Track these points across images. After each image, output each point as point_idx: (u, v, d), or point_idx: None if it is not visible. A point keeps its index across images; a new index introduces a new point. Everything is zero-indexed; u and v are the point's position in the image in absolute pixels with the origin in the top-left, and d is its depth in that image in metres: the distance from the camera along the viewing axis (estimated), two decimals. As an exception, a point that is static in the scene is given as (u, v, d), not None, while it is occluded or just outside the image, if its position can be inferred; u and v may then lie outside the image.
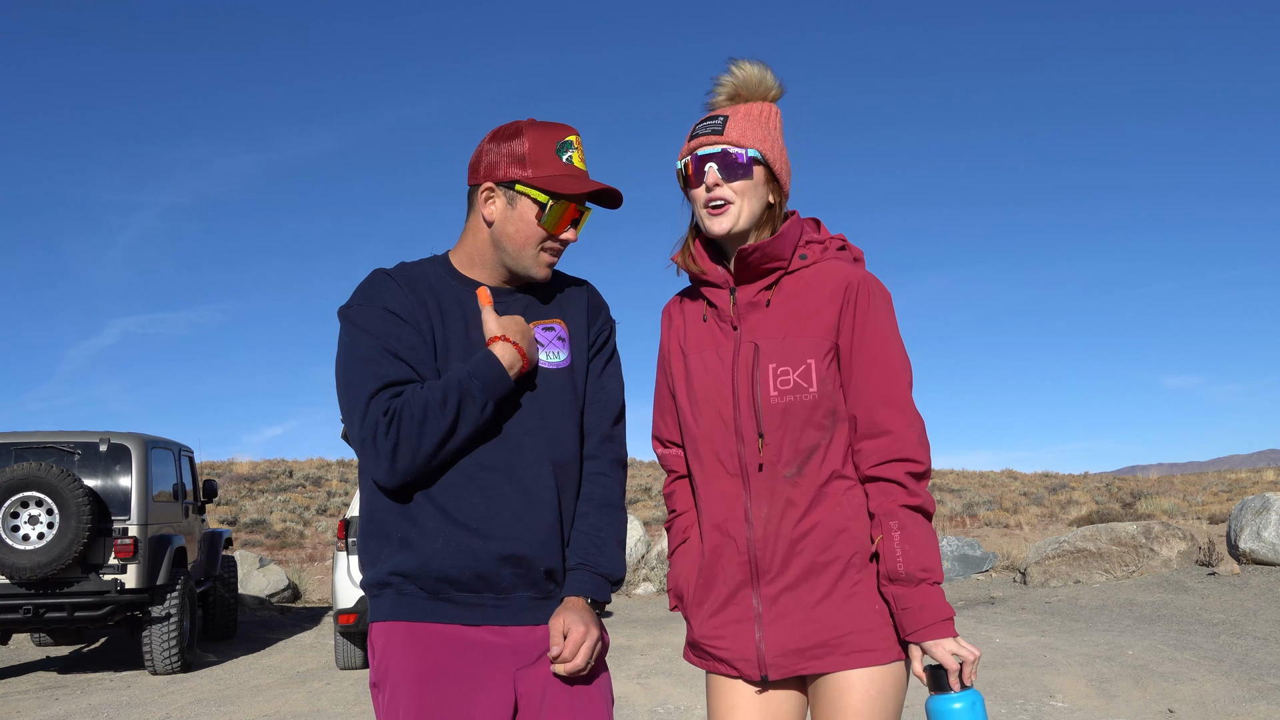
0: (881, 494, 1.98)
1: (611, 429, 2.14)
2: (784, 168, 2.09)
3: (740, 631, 2.03)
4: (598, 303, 2.20)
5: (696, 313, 2.16)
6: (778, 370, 2.01)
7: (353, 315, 2.03)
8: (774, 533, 2.00)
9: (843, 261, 2.11)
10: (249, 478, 30.90)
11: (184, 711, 7.15)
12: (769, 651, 2.00)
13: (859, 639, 1.96)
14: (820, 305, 2.03)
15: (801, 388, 1.99)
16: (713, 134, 2.05)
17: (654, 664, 8.32)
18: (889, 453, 1.98)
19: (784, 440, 2.00)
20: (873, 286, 2.05)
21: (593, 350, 2.15)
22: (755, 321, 2.06)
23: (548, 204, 2.02)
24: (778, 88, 2.12)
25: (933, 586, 1.94)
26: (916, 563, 1.93)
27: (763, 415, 2.01)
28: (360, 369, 1.97)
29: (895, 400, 2.00)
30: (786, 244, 2.06)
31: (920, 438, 2.00)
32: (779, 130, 2.10)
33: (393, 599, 1.99)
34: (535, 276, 2.08)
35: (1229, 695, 6.24)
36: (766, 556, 2.01)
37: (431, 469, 1.96)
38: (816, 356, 2.00)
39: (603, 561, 2.04)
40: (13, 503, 8.17)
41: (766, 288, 2.07)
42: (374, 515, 2.02)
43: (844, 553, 1.99)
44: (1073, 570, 12.21)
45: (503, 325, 2.01)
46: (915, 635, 1.93)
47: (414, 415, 1.91)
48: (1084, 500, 26.68)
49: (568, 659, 1.95)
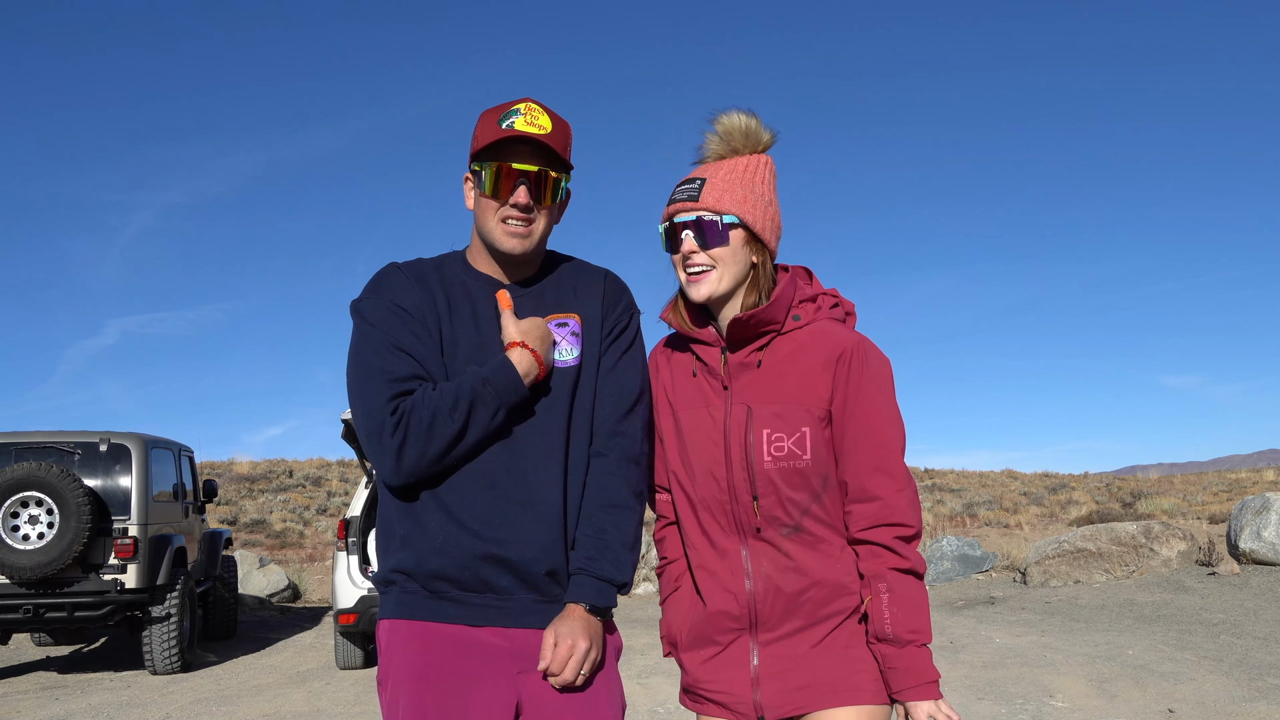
0: (870, 556, 2.00)
1: (621, 423, 2.07)
2: (766, 225, 2.06)
3: (736, 677, 2.05)
4: (616, 291, 2.15)
5: (685, 366, 2.14)
6: (772, 436, 2.01)
7: (362, 309, 2.04)
8: (774, 588, 2.02)
9: (835, 323, 2.10)
10: (249, 478, 30.88)
11: (184, 711, 7.15)
12: (765, 694, 2.03)
13: (854, 680, 1.99)
14: (814, 371, 2.02)
15: (796, 455, 2.00)
16: (689, 200, 2.03)
17: (654, 664, 8.32)
18: (878, 518, 1.99)
19: (777, 503, 2.02)
20: (867, 353, 2.05)
21: (608, 340, 2.10)
22: (747, 382, 2.05)
23: (480, 171, 2.02)
24: (768, 137, 2.09)
25: (920, 649, 1.96)
26: (905, 625, 1.96)
27: (756, 478, 2.02)
28: (368, 365, 1.97)
29: (885, 467, 2.01)
30: (780, 308, 2.05)
31: (910, 502, 2.02)
32: (766, 184, 2.07)
33: (397, 596, 1.99)
34: (503, 249, 2.04)
35: (1229, 695, 6.24)
36: (766, 609, 2.03)
37: (439, 470, 1.95)
38: (811, 424, 2.01)
39: (604, 565, 2.00)
40: (13, 503, 8.17)
41: (759, 349, 2.06)
42: (383, 511, 2.04)
43: (845, 607, 2.02)
44: (1073, 570, 12.21)
45: (523, 330, 1.99)
46: (900, 695, 1.97)
47: (422, 418, 1.90)
48: (1084, 500, 26.66)
49: (555, 672, 1.93)
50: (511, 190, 2.00)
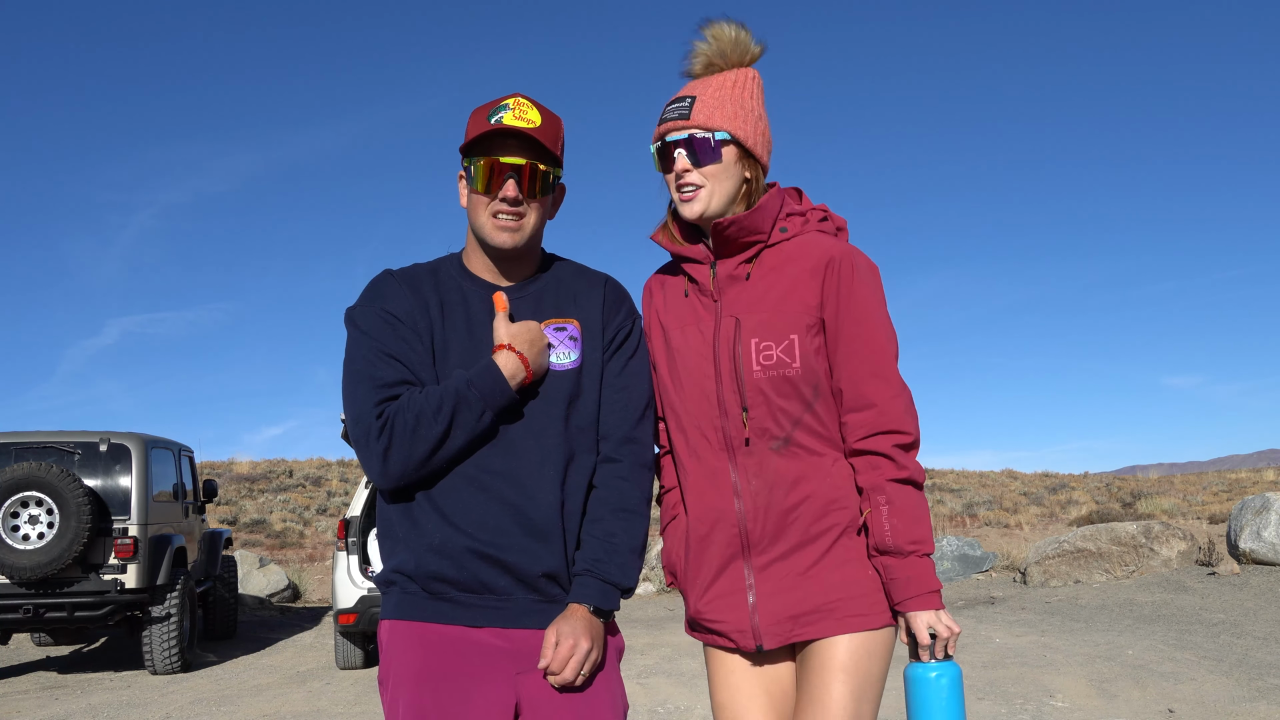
0: (869, 467, 1.98)
1: (634, 430, 2.08)
2: (758, 140, 2.05)
3: (733, 604, 2.04)
4: (617, 297, 2.14)
5: (677, 288, 2.14)
6: (760, 345, 2.00)
7: (355, 316, 2.04)
8: (764, 505, 2.00)
9: (824, 234, 2.09)
10: (249, 478, 30.88)
11: (184, 711, 7.15)
12: (763, 621, 2.01)
13: (852, 604, 1.97)
14: (801, 280, 2.01)
15: (784, 362, 1.99)
16: (680, 118, 2.03)
17: (654, 664, 8.32)
18: (875, 425, 1.97)
19: (768, 414, 2.00)
20: (855, 260, 2.03)
21: (611, 348, 2.10)
22: (735, 295, 2.05)
23: (469, 166, 2.02)
24: (756, 49, 2.07)
25: (922, 558, 1.94)
26: (905, 535, 1.94)
27: (746, 389, 2.00)
28: (359, 371, 1.98)
29: (880, 372, 1.99)
30: (765, 217, 2.04)
31: (907, 408, 2.00)
32: (755, 98, 2.06)
33: (397, 597, 2.00)
34: (494, 243, 2.03)
35: (1229, 695, 6.24)
36: (757, 529, 2.01)
37: (431, 472, 1.96)
38: (799, 331, 1.99)
39: (611, 568, 2.00)
40: (13, 503, 8.17)
41: (746, 261, 2.05)
42: (383, 514, 2.05)
43: (838, 522, 2.00)
44: (1073, 570, 12.21)
45: (512, 333, 1.99)
46: (901, 605, 1.95)
47: (407, 421, 1.91)
48: (1084, 500, 26.66)
49: (555, 671, 1.93)
50: (501, 184, 2.00)
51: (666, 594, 13.97)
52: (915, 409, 2.02)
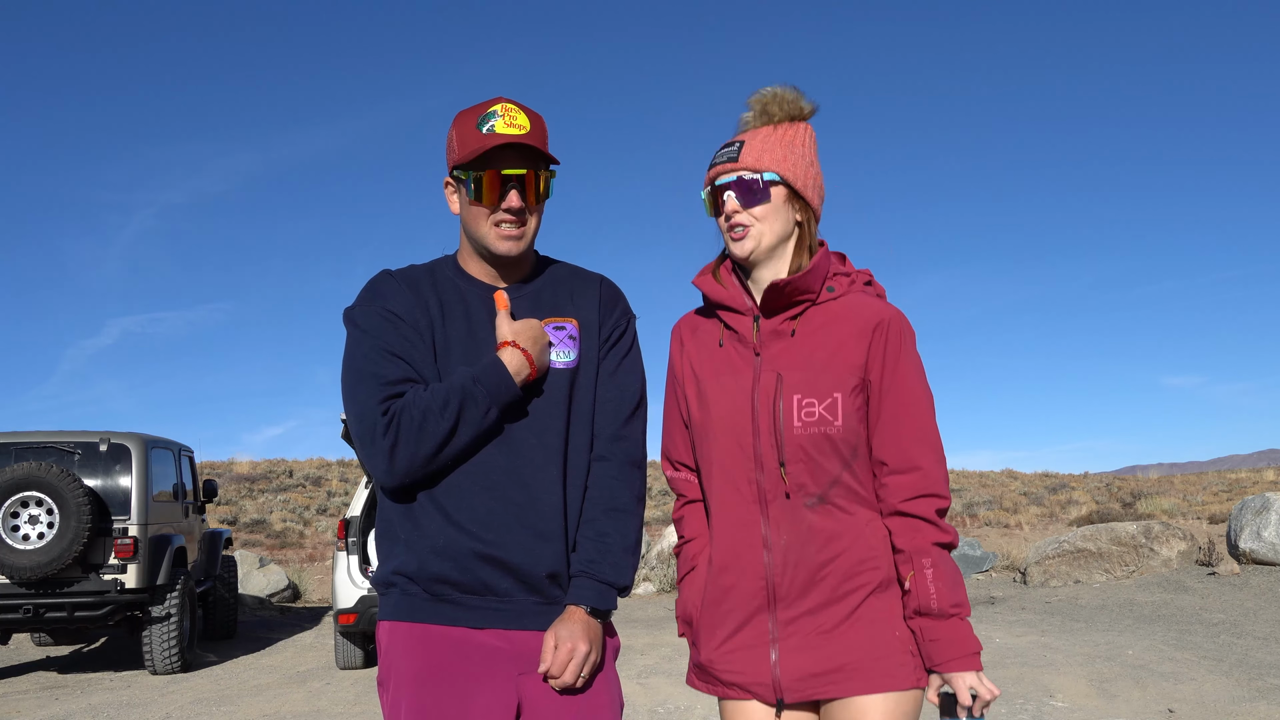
0: (912, 530, 1.99)
1: (623, 428, 2.08)
2: (808, 185, 2.07)
3: (755, 656, 2.03)
4: (611, 296, 2.15)
5: (711, 336, 2.13)
6: (803, 401, 2.00)
7: (355, 316, 2.04)
8: (795, 560, 2.00)
9: (869, 297, 2.10)
10: (249, 478, 30.89)
11: (184, 711, 7.15)
12: (785, 675, 2.00)
13: (880, 664, 1.97)
14: (847, 340, 2.02)
15: (827, 420, 1.99)
16: (729, 161, 2.06)
17: (654, 664, 8.33)
18: (919, 489, 1.98)
19: (806, 470, 2.00)
20: (902, 325, 2.05)
21: (606, 346, 2.11)
22: (779, 351, 2.05)
23: (468, 179, 2.01)
24: (809, 107, 2.11)
25: (963, 621, 1.96)
26: (949, 599, 1.95)
27: (785, 445, 2.00)
28: (361, 370, 1.97)
29: (926, 437, 2.01)
30: (816, 277, 2.05)
31: (945, 475, 2.02)
32: (807, 146, 2.09)
33: (397, 598, 1.99)
34: (499, 252, 2.03)
35: (1229, 695, 6.24)
36: (785, 583, 2.01)
37: (434, 471, 1.95)
38: (843, 391, 1.99)
39: (605, 568, 2.00)
40: (13, 503, 8.17)
41: (792, 318, 2.06)
42: (383, 514, 2.04)
43: (868, 581, 2.00)
44: (1073, 570, 12.21)
45: (515, 330, 1.99)
46: (943, 666, 1.95)
47: (413, 417, 1.91)
48: (1084, 500, 26.66)
49: (555, 675, 1.93)
50: (503, 195, 2.00)
51: (666, 594, 13.97)
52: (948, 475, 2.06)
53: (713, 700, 6.77)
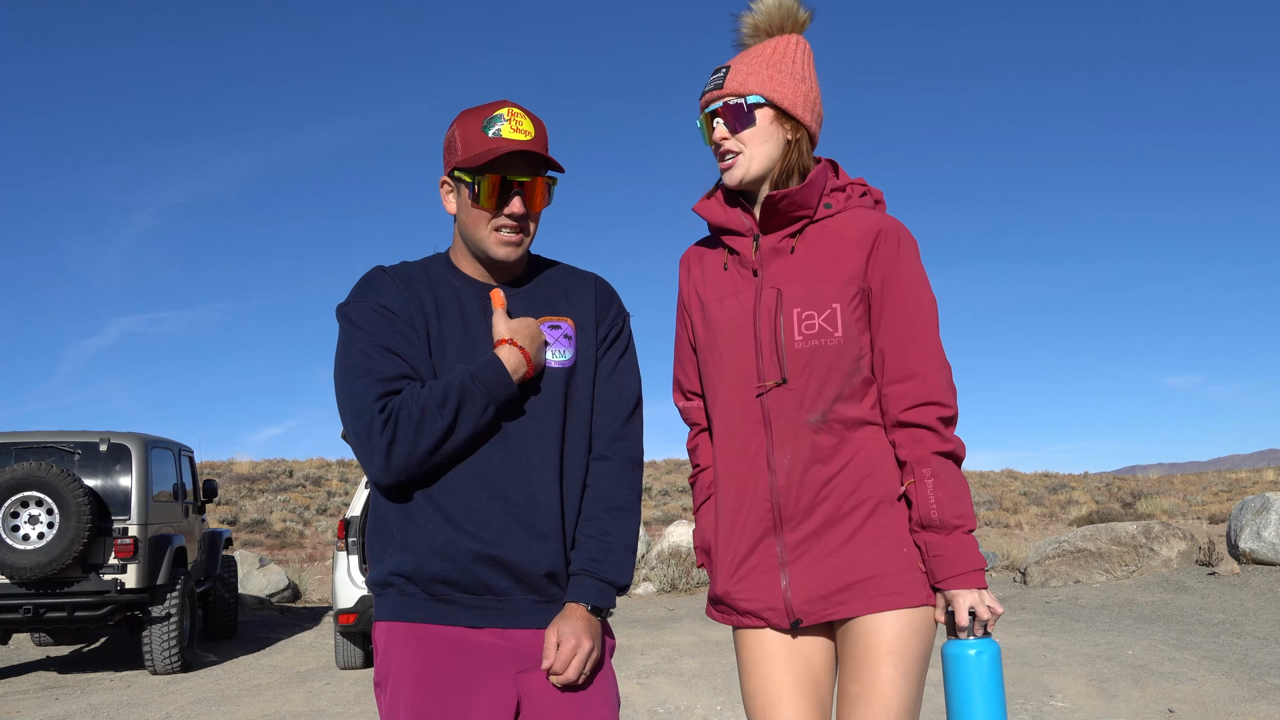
0: (912, 440, 1.96)
1: (624, 427, 2.09)
2: (798, 101, 2.03)
3: (765, 581, 2.02)
4: (607, 296, 2.15)
5: (716, 261, 2.13)
6: (802, 314, 1.98)
7: (349, 312, 2.03)
8: (798, 479, 1.98)
9: (866, 209, 2.08)
10: (249, 478, 30.87)
11: (184, 711, 7.15)
12: (796, 598, 1.99)
13: (887, 582, 1.94)
14: (846, 251, 2.00)
15: (826, 332, 1.97)
16: (715, 89, 2.05)
17: (654, 664, 8.33)
18: (919, 396, 1.96)
19: (808, 385, 1.98)
20: (901, 232, 2.03)
21: (603, 346, 2.11)
22: (778, 268, 2.04)
23: (473, 183, 2.00)
24: (803, 16, 2.07)
25: (966, 535, 1.93)
26: (950, 509, 1.92)
27: (786, 360, 1.98)
28: (357, 365, 1.97)
29: (925, 344, 1.98)
30: (813, 192, 2.03)
31: (948, 382, 1.99)
32: (798, 62, 2.05)
33: (395, 599, 1.99)
34: (496, 257, 2.03)
35: (1229, 695, 6.24)
36: (790, 503, 1.99)
37: (431, 470, 1.95)
38: (842, 301, 1.98)
39: (607, 567, 2.01)
40: (13, 503, 8.17)
41: (791, 235, 2.04)
42: (378, 514, 2.03)
43: (870, 495, 1.97)
44: (1073, 570, 12.21)
45: (512, 329, 1.99)
46: (945, 583, 1.92)
47: (411, 415, 1.90)
48: (1084, 500, 26.65)
49: (558, 672, 1.94)
50: (507, 201, 2.00)
51: (666, 594, 13.97)
52: (954, 385, 2.01)
53: (713, 700, 6.77)
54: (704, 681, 7.47)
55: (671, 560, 14.55)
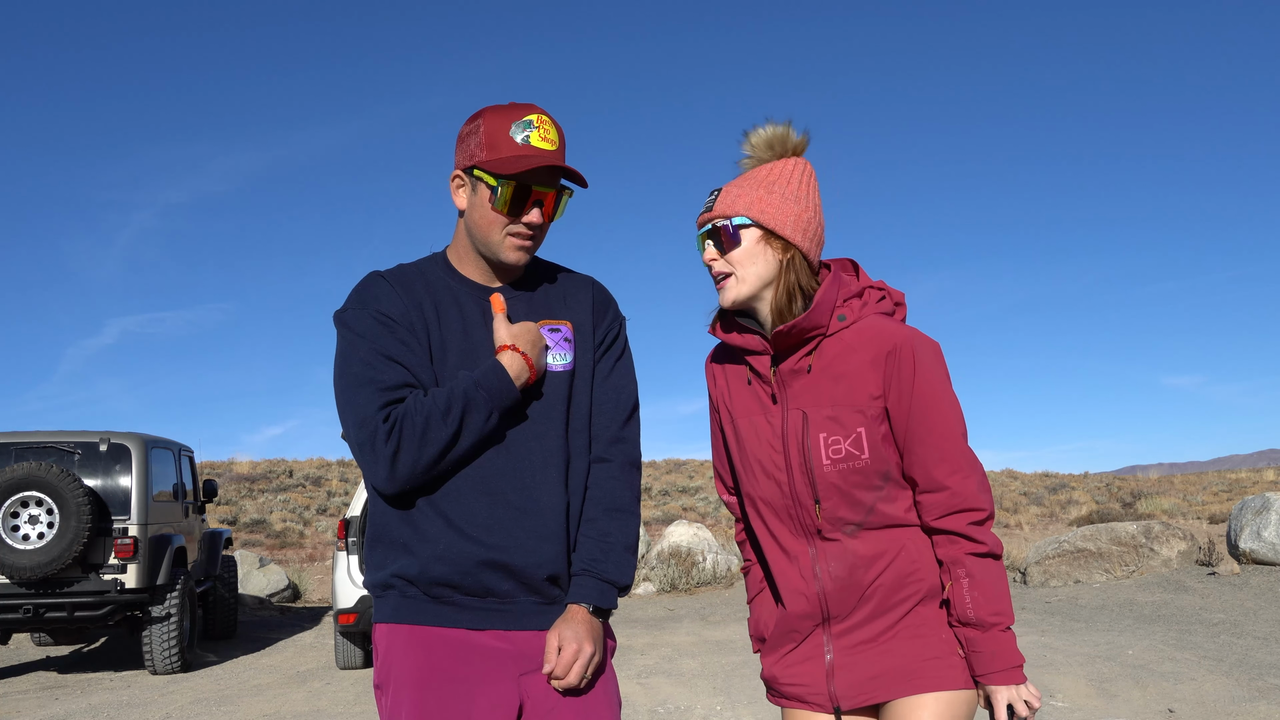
0: (947, 543, 2.03)
1: (622, 430, 2.10)
2: (786, 221, 2.04)
3: (811, 669, 2.10)
4: (604, 300, 2.16)
5: (739, 375, 2.17)
6: (829, 440, 2.03)
7: (347, 320, 2.02)
8: (843, 586, 2.06)
9: (883, 318, 2.10)
10: (249, 478, 30.88)
11: (184, 711, 7.15)
12: (839, 684, 2.06)
13: (928, 665, 2.01)
14: (863, 370, 2.03)
15: (854, 455, 2.02)
16: (705, 211, 2.10)
17: (654, 664, 8.33)
18: (949, 506, 2.01)
19: (841, 503, 2.04)
20: (916, 346, 2.04)
21: (601, 350, 2.11)
22: (799, 389, 2.07)
23: (496, 186, 1.98)
24: (798, 140, 2.11)
25: (1004, 632, 1.98)
26: (987, 609, 1.98)
27: (817, 483, 2.04)
28: (357, 374, 1.96)
29: (949, 456, 2.02)
30: (822, 313, 2.05)
31: (980, 485, 2.03)
32: (792, 182, 2.07)
33: (395, 601, 1.98)
34: (507, 261, 2.03)
35: (1229, 695, 6.24)
36: (836, 605, 2.07)
37: (436, 476, 1.94)
38: (865, 424, 2.02)
39: (608, 568, 2.01)
40: (13, 503, 8.17)
41: (807, 354, 2.07)
42: (378, 520, 2.02)
43: (914, 593, 2.04)
44: (1073, 570, 12.21)
45: (513, 334, 1.99)
46: (984, 679, 1.99)
47: (416, 424, 1.89)
48: (1084, 500, 26.67)
49: (559, 676, 1.94)
50: (527, 210, 2.00)
51: (666, 594, 13.98)
52: (988, 485, 2.06)
53: (713, 700, 6.78)
54: (704, 681, 7.47)
55: (671, 560, 14.56)
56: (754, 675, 7.14)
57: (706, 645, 9.29)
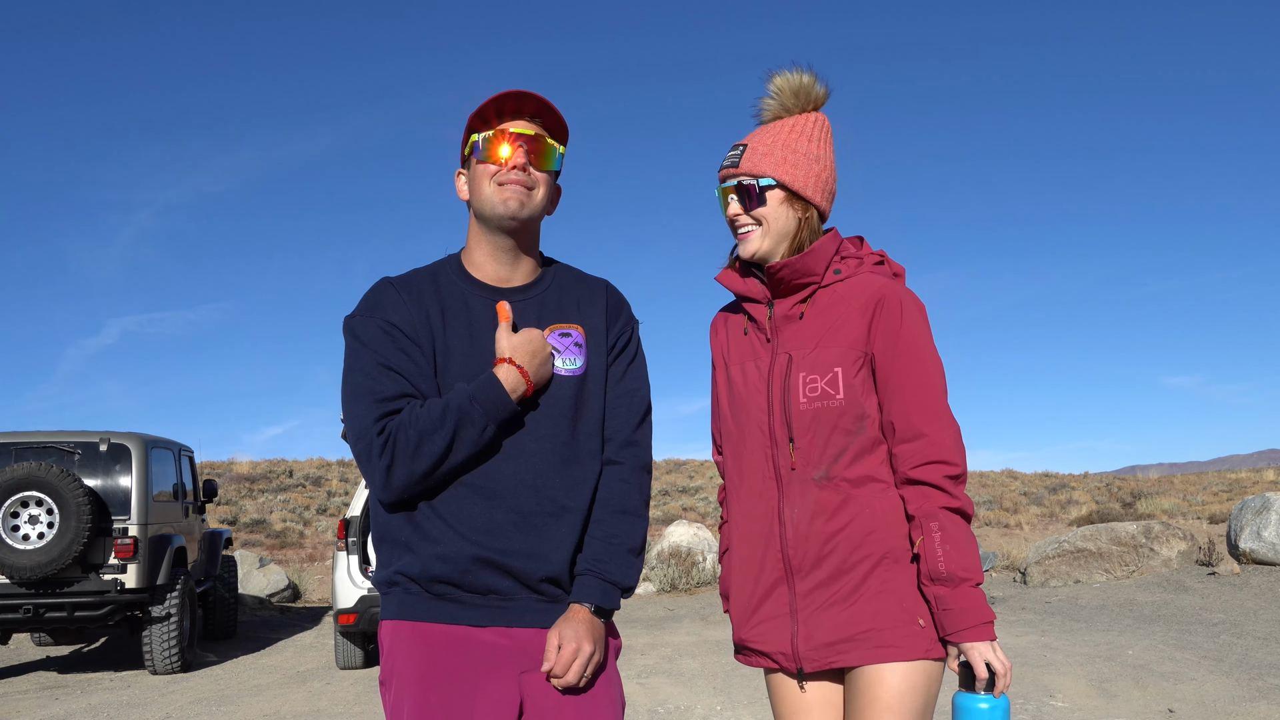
0: (920, 496, 2.03)
1: (634, 433, 2.10)
2: (808, 183, 2.14)
3: (776, 628, 2.12)
4: (617, 302, 2.17)
5: (738, 326, 2.25)
6: (807, 378, 2.09)
7: (354, 327, 2.04)
8: (804, 533, 2.07)
9: (877, 275, 2.17)
10: (249, 478, 30.88)
11: (184, 711, 7.15)
12: (802, 645, 2.08)
13: (885, 635, 2.02)
14: (850, 317, 2.10)
15: (828, 394, 2.07)
16: (731, 167, 2.17)
17: (654, 664, 8.33)
18: (925, 455, 2.03)
19: (812, 444, 2.07)
20: (903, 298, 2.11)
21: (614, 353, 2.12)
22: (790, 334, 2.14)
23: (478, 141, 2.04)
24: (820, 92, 2.18)
25: (974, 588, 1.99)
26: (958, 563, 1.98)
27: (793, 421, 2.08)
28: (358, 384, 1.97)
29: (929, 406, 2.06)
30: (818, 259, 2.13)
31: (955, 441, 2.06)
32: (813, 141, 2.15)
33: (399, 598, 2.00)
34: (501, 212, 2.03)
35: (1229, 695, 6.24)
36: (799, 555, 2.08)
37: (435, 484, 1.96)
38: (844, 365, 2.07)
39: (612, 568, 2.01)
40: (13, 503, 8.17)
41: (801, 301, 2.15)
42: (381, 519, 2.03)
43: (873, 552, 2.05)
44: (1073, 570, 12.21)
45: (513, 346, 1.99)
46: (955, 636, 1.98)
47: (409, 438, 1.91)
48: (1084, 500, 26.66)
49: (558, 675, 1.94)
50: (511, 152, 2.02)
51: (666, 594, 13.98)
52: (963, 444, 2.08)
53: (713, 700, 6.78)
54: (704, 681, 7.48)
55: (671, 560, 14.56)
56: (754, 675, 7.15)
57: (706, 645, 9.29)
